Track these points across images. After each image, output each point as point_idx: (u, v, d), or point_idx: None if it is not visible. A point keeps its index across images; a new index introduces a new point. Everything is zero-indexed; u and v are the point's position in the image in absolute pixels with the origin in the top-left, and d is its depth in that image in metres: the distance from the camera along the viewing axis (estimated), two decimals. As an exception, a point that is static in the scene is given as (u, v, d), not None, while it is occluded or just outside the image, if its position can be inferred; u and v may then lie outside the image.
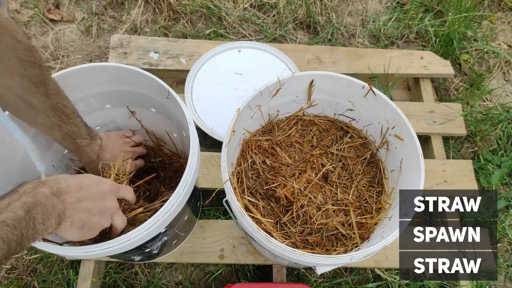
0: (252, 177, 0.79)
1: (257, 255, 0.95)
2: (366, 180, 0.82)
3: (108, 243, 0.60)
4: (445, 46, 1.37)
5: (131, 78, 0.78)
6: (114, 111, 0.89)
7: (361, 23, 1.47)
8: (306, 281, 1.00)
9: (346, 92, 0.82)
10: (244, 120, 0.80)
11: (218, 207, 1.06)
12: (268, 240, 0.62)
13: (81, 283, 0.90)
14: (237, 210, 0.65)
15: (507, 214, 1.12)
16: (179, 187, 0.65)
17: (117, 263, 1.01)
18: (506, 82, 1.38)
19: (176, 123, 0.84)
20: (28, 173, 0.75)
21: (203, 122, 1.07)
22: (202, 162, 1.02)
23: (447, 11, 1.45)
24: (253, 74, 1.16)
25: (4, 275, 1.00)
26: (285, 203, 0.77)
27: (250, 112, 0.80)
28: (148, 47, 1.20)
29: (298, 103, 0.87)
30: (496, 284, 1.05)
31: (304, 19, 1.44)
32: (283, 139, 0.84)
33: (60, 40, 1.35)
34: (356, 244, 0.74)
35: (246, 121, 0.81)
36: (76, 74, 0.76)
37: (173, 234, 0.82)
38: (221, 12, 1.40)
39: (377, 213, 0.78)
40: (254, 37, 1.39)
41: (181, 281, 1.01)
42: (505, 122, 1.24)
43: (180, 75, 1.20)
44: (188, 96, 1.11)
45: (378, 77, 1.23)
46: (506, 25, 1.52)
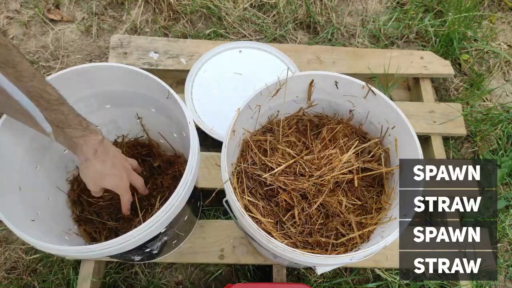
0: (252, 177, 0.79)
1: (257, 255, 0.95)
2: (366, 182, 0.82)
3: (108, 243, 0.60)
4: (445, 46, 1.37)
5: (131, 78, 0.78)
6: (114, 111, 0.89)
7: (361, 23, 1.47)
8: (306, 281, 1.00)
9: (346, 92, 0.82)
10: (244, 120, 0.80)
11: (218, 207, 1.06)
12: (268, 240, 0.62)
13: (81, 283, 0.90)
14: (237, 210, 0.65)
15: (507, 214, 1.12)
16: (179, 187, 0.65)
17: (117, 263, 1.01)
18: (506, 82, 1.38)
19: (176, 123, 0.84)
20: (28, 173, 0.76)
21: (203, 122, 1.07)
22: (202, 162, 1.02)
23: (447, 11, 1.45)
24: (253, 74, 1.16)
25: (4, 275, 1.00)
26: (284, 204, 0.77)
27: (250, 112, 0.80)
28: (148, 47, 1.20)
29: (298, 103, 0.87)
30: (496, 284, 1.05)
31: (304, 19, 1.44)
32: (283, 139, 0.84)
33: (60, 40, 1.35)
34: (356, 244, 0.74)
35: (246, 121, 0.81)
36: (76, 74, 0.76)
37: (173, 234, 0.82)
38: (221, 12, 1.40)
39: (377, 213, 0.78)
40: (254, 37, 1.39)
41: (181, 281, 1.01)
42: (505, 122, 1.24)
43: (180, 75, 1.20)
44: (188, 96, 1.11)
45: (378, 77, 1.23)
46: (506, 25, 1.52)
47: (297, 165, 0.79)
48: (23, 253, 1.02)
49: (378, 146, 0.83)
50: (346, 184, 0.79)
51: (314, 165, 0.78)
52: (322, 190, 0.76)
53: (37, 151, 0.78)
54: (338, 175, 0.77)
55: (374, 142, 0.83)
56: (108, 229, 0.91)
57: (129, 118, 0.93)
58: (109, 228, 0.91)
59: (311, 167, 0.78)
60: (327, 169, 0.77)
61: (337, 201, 0.77)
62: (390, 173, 0.81)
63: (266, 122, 0.88)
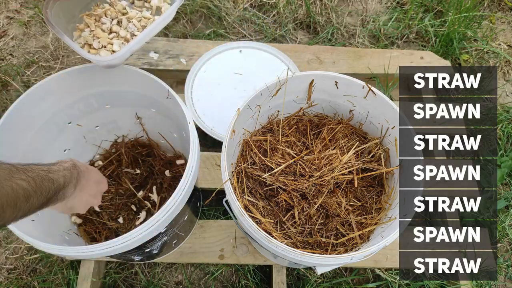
0: (252, 177, 0.79)
1: (257, 255, 0.95)
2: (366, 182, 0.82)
3: (108, 243, 0.60)
4: (445, 46, 1.37)
5: (131, 78, 0.78)
6: (114, 111, 0.89)
7: (361, 23, 1.47)
8: (306, 281, 1.00)
9: (346, 92, 0.82)
10: (244, 120, 0.80)
11: (218, 207, 1.06)
12: (268, 240, 0.62)
13: (81, 283, 0.90)
14: (237, 210, 0.65)
15: (507, 214, 1.12)
16: (179, 187, 0.65)
17: (117, 263, 1.01)
18: (506, 82, 1.38)
19: (176, 123, 0.84)
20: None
21: (203, 122, 1.07)
22: (202, 162, 1.02)
23: (447, 11, 1.45)
24: (253, 74, 1.16)
25: (4, 275, 1.00)
26: (284, 204, 0.77)
27: (250, 112, 0.80)
28: (148, 47, 1.20)
29: (298, 103, 0.87)
30: (496, 284, 1.05)
31: (304, 19, 1.44)
32: (283, 139, 0.84)
33: (60, 40, 1.35)
34: (356, 244, 0.74)
35: (246, 121, 0.81)
36: (76, 74, 0.76)
37: (173, 234, 0.82)
38: (221, 12, 1.40)
39: (377, 213, 0.78)
40: (254, 37, 1.39)
41: (181, 281, 1.01)
42: (505, 122, 1.24)
43: (180, 75, 1.20)
44: (188, 96, 1.11)
45: (378, 77, 1.23)
46: (506, 25, 1.52)
47: (297, 165, 0.78)
48: (23, 253, 1.02)
49: (378, 146, 0.83)
50: (346, 184, 0.79)
51: (314, 166, 0.78)
52: (322, 191, 0.76)
53: (36, 151, 0.79)
54: (338, 176, 0.77)
55: (374, 143, 0.83)
56: (108, 229, 0.91)
57: (129, 118, 0.93)
58: (109, 228, 0.91)
59: (311, 167, 0.78)
60: (327, 169, 0.77)
61: (337, 202, 0.77)
62: (390, 173, 0.81)
63: (266, 122, 0.88)
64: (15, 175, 0.45)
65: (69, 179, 0.55)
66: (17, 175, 0.45)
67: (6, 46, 1.34)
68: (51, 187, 0.50)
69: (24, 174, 0.46)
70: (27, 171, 0.47)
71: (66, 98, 0.80)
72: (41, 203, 0.49)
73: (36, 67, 1.30)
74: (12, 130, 0.72)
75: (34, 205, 0.48)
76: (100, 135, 0.95)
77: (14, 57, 1.32)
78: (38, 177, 0.48)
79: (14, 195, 0.44)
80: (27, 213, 0.47)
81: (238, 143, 0.81)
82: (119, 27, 0.77)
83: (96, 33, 0.75)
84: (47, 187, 0.49)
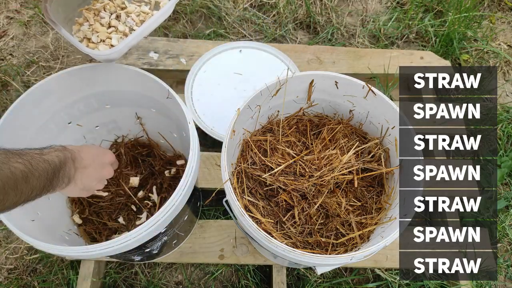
0: (252, 177, 0.79)
1: (257, 255, 0.95)
2: (366, 182, 0.82)
3: (108, 243, 0.60)
4: (445, 46, 1.37)
5: (131, 78, 0.78)
6: (114, 111, 0.89)
7: (361, 23, 1.47)
8: (306, 281, 1.00)
9: (346, 92, 0.82)
10: (244, 120, 0.80)
11: (218, 207, 1.06)
12: (268, 240, 0.62)
13: (81, 283, 0.90)
14: (237, 210, 0.65)
15: (507, 214, 1.12)
16: (179, 187, 0.65)
17: (117, 263, 1.01)
18: (506, 82, 1.38)
19: (176, 123, 0.84)
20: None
21: (203, 122, 1.07)
22: (202, 162, 1.02)
23: (447, 11, 1.45)
24: (253, 74, 1.16)
25: (4, 275, 1.00)
26: (284, 204, 0.77)
27: (250, 112, 0.80)
28: (148, 47, 1.20)
29: (298, 103, 0.87)
30: (496, 284, 1.05)
31: (304, 19, 1.44)
32: (283, 139, 0.84)
33: (60, 40, 1.35)
34: (356, 244, 0.74)
35: (246, 121, 0.81)
36: (76, 74, 0.76)
37: (173, 234, 0.82)
38: (221, 12, 1.40)
39: (377, 213, 0.78)
40: (254, 37, 1.39)
41: (181, 281, 1.01)
42: (505, 122, 1.24)
43: (180, 75, 1.20)
44: (188, 96, 1.11)
45: (378, 77, 1.23)
46: (506, 25, 1.52)
47: (297, 165, 0.78)
48: (23, 253, 1.02)
49: (378, 146, 0.83)
50: (346, 184, 0.79)
51: (314, 166, 0.78)
52: (322, 191, 0.76)
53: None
54: (338, 176, 0.77)
55: (374, 143, 0.83)
56: (109, 229, 0.91)
57: (129, 118, 0.93)
58: (109, 228, 0.91)
59: (311, 167, 0.78)
60: (327, 169, 0.77)
61: (337, 202, 0.77)
62: (390, 173, 0.81)
63: (266, 122, 0.88)
64: (12, 158, 0.46)
65: (63, 159, 0.55)
66: (13, 158, 0.46)
67: (6, 46, 1.34)
68: (48, 168, 0.51)
69: (20, 158, 0.47)
70: (22, 155, 0.48)
71: (66, 98, 0.80)
72: (43, 185, 0.50)
73: (36, 67, 1.30)
74: (12, 130, 0.72)
75: (36, 187, 0.49)
76: (100, 135, 0.95)
77: (14, 57, 1.32)
78: (33, 160, 0.49)
79: (13, 177, 0.45)
80: (30, 196, 0.49)
81: (238, 143, 0.81)
82: (117, 22, 0.77)
83: (95, 27, 0.75)
84: (44, 168, 0.50)
